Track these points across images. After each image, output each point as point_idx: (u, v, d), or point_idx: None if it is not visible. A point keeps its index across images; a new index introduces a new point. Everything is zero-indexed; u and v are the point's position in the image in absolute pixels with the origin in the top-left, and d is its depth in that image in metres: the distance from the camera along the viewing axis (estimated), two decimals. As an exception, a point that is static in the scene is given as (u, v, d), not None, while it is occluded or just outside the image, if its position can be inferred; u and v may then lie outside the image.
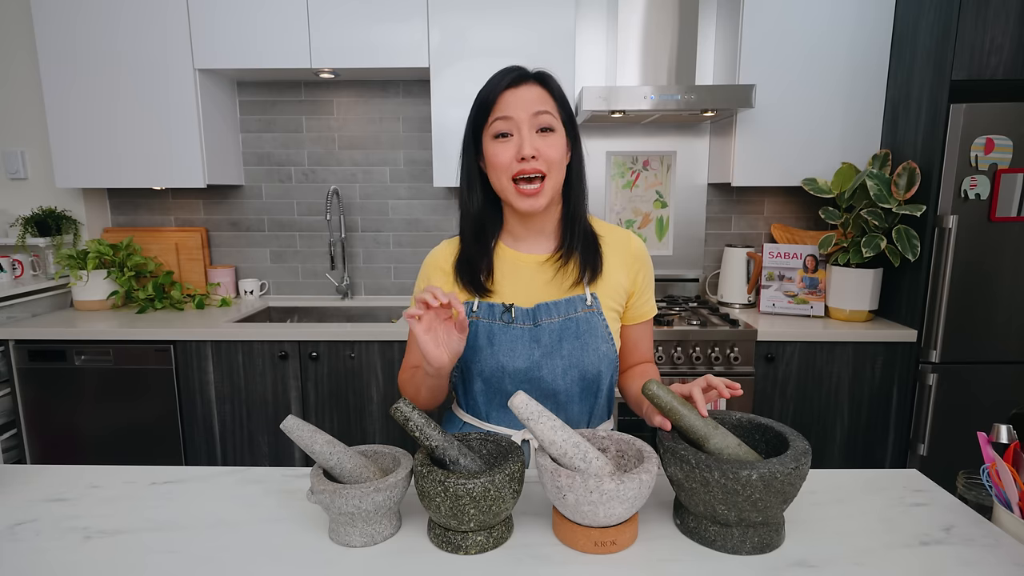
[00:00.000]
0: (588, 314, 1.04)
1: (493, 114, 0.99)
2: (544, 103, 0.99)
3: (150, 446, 2.20)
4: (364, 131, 2.61)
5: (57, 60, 2.24)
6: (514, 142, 0.98)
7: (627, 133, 2.55)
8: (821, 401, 2.13)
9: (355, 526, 0.81)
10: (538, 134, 0.98)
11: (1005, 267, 1.97)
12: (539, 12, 2.19)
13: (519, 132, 0.98)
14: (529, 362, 1.02)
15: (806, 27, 2.19)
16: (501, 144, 0.99)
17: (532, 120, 0.98)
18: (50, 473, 1.04)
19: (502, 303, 1.05)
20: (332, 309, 2.61)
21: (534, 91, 0.99)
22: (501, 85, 0.99)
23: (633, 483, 0.76)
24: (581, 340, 1.03)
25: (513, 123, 0.98)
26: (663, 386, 0.86)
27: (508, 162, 0.98)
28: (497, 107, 0.99)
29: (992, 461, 0.86)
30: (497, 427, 1.08)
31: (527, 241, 1.08)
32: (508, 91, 0.98)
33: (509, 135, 0.98)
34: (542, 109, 0.98)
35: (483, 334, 1.04)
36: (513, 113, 0.97)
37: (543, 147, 0.98)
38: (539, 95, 0.99)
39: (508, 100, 0.98)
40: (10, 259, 2.42)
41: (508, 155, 0.98)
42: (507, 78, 0.99)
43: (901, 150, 2.14)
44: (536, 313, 1.04)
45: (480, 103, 1.01)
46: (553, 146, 0.99)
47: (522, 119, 0.97)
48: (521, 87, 0.99)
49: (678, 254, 2.62)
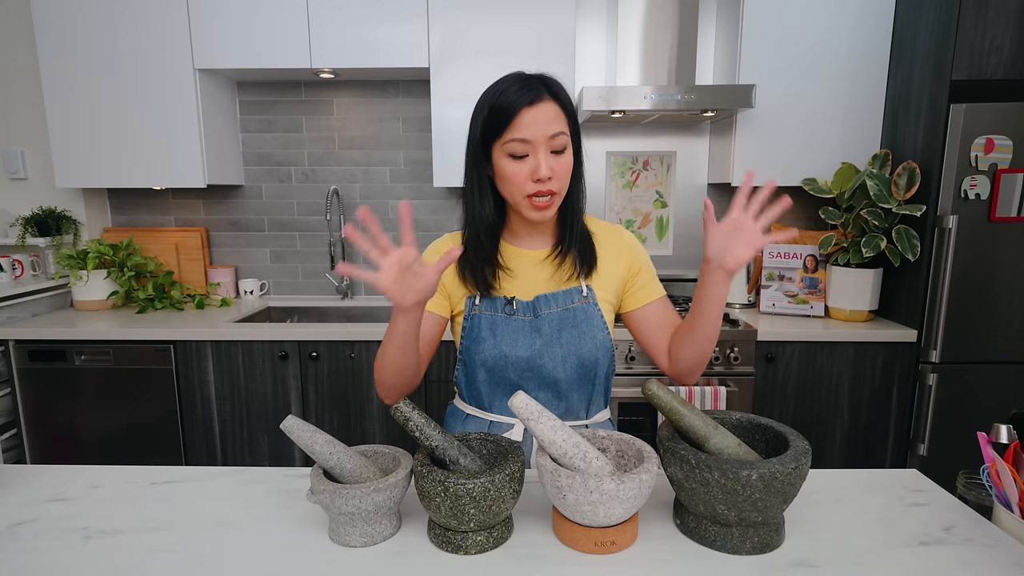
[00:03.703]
0: (584, 304, 1.08)
1: (510, 132, 0.97)
2: (559, 123, 0.98)
3: (150, 446, 2.20)
4: (364, 131, 2.61)
5: (57, 60, 2.24)
6: (530, 163, 0.98)
7: (627, 133, 2.55)
8: (821, 401, 2.13)
9: (355, 526, 0.81)
10: (552, 154, 0.99)
11: (1005, 267, 1.97)
12: (539, 12, 2.19)
13: (536, 154, 0.98)
14: (531, 351, 1.06)
15: (806, 27, 2.19)
16: (516, 163, 0.99)
17: (548, 142, 0.98)
18: (50, 473, 1.04)
19: (503, 296, 1.08)
20: (332, 309, 2.61)
21: (550, 110, 0.98)
22: (520, 102, 0.96)
23: (633, 483, 0.76)
24: (579, 329, 1.07)
25: (531, 145, 0.98)
26: (663, 386, 0.86)
27: (523, 181, 0.99)
28: (514, 126, 0.97)
29: (992, 461, 0.86)
30: (500, 416, 1.10)
31: (526, 238, 1.12)
32: (526, 110, 0.96)
33: (525, 156, 0.99)
34: (558, 131, 0.98)
35: (486, 325, 1.07)
36: (531, 136, 0.97)
37: (557, 167, 0.99)
38: (554, 114, 0.98)
39: (526, 121, 0.96)
40: (10, 259, 2.42)
41: (523, 174, 0.99)
42: (526, 97, 0.96)
43: (901, 150, 2.14)
44: (536, 305, 1.08)
45: (495, 116, 0.98)
46: (565, 164, 1.01)
47: (540, 142, 0.97)
48: (538, 105, 0.97)
49: (678, 254, 2.62)
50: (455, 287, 1.10)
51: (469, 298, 1.09)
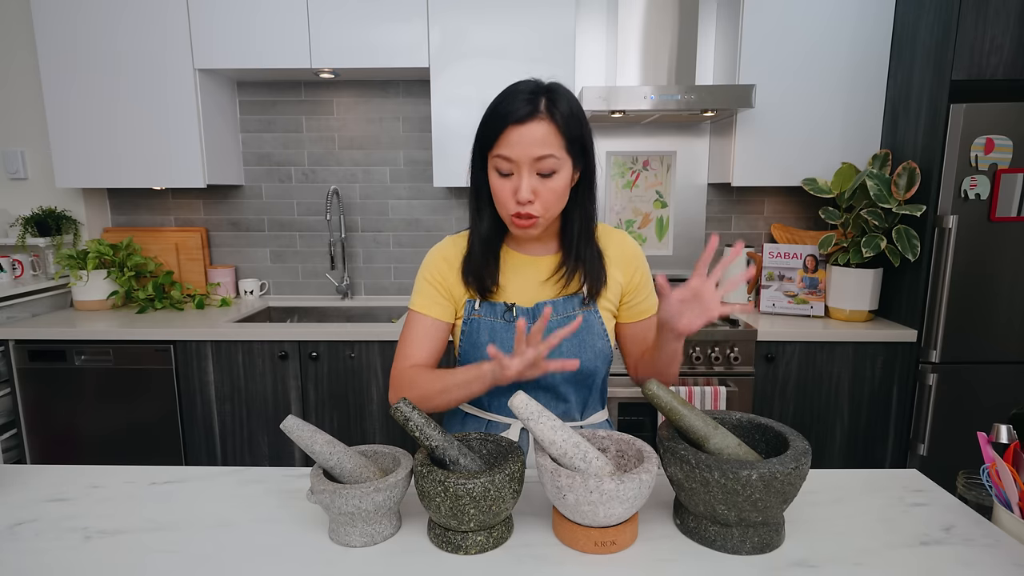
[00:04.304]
0: (585, 313, 1.07)
1: (496, 148, 0.97)
2: (549, 145, 0.95)
3: (150, 446, 2.20)
4: (364, 131, 2.61)
5: (57, 60, 2.24)
6: (513, 182, 0.98)
7: (627, 133, 2.55)
8: (821, 401, 2.13)
9: (355, 526, 0.81)
10: (538, 176, 0.97)
11: (1005, 267, 1.97)
12: (539, 12, 2.19)
13: (519, 173, 0.97)
14: None
15: (806, 27, 2.19)
16: (502, 180, 0.99)
17: (533, 164, 0.96)
18: (50, 473, 1.04)
19: (503, 302, 1.08)
20: (332, 309, 2.61)
21: (541, 130, 0.94)
22: (509, 119, 0.95)
23: (633, 483, 0.76)
24: (579, 338, 1.06)
25: (514, 164, 0.97)
26: (663, 386, 0.86)
27: (507, 199, 0.99)
28: (500, 143, 0.96)
29: (992, 461, 0.86)
30: (497, 416, 1.10)
31: (528, 244, 1.11)
32: (513, 128, 0.95)
33: (510, 174, 0.98)
34: (545, 153, 0.95)
35: (485, 331, 1.07)
36: (514, 155, 0.96)
37: (542, 190, 0.97)
38: (545, 135, 0.95)
39: (512, 139, 0.95)
40: (10, 259, 2.42)
41: (507, 192, 0.99)
42: (518, 112, 0.94)
43: (901, 150, 2.14)
44: (536, 312, 1.07)
45: (488, 125, 0.99)
46: (552, 189, 0.98)
47: (523, 162, 0.96)
48: (529, 124, 0.94)
49: (678, 254, 2.62)
50: (459, 291, 1.10)
51: (469, 302, 1.09)
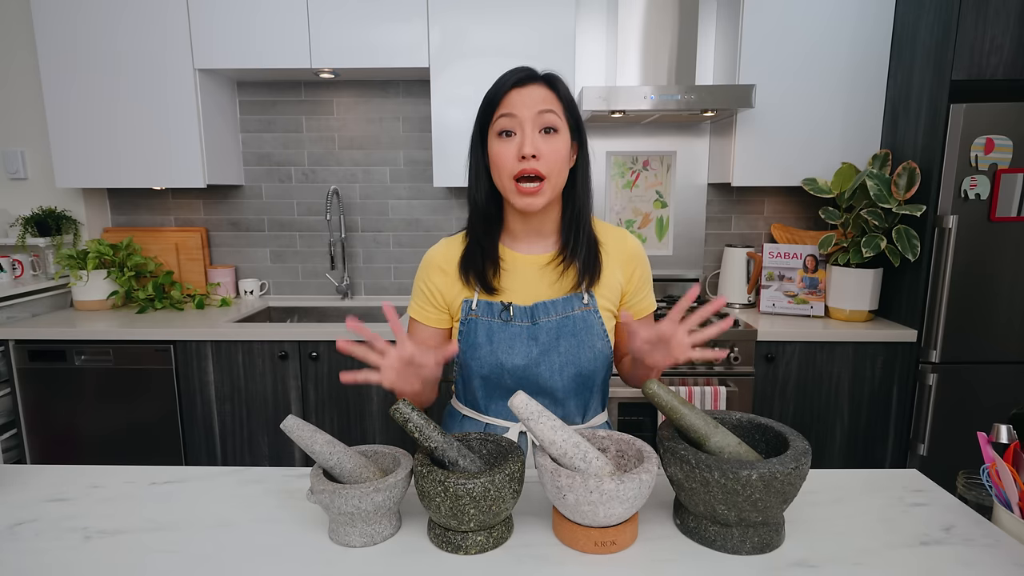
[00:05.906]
0: (585, 312, 1.05)
1: (498, 111, 1.00)
2: (549, 103, 0.99)
3: (150, 446, 2.20)
4: (364, 131, 2.61)
5: (57, 60, 2.24)
6: (516, 141, 0.98)
7: (627, 133, 2.55)
8: (821, 401, 2.13)
9: (355, 526, 0.81)
10: (541, 134, 0.98)
11: (1005, 267, 1.97)
12: (539, 12, 2.19)
13: (522, 130, 0.98)
14: (527, 359, 1.04)
15: (806, 27, 2.19)
16: (504, 143, 0.99)
17: (536, 119, 0.98)
18: (50, 473, 1.04)
19: (500, 301, 1.06)
20: (332, 309, 2.61)
21: (540, 91, 1.00)
22: (508, 84, 1.00)
23: (633, 483, 0.76)
24: (578, 338, 1.05)
25: (517, 121, 0.98)
26: (663, 385, 0.86)
27: (510, 160, 0.98)
28: (502, 104, 0.99)
29: (992, 461, 0.86)
30: (495, 419, 1.09)
31: (526, 241, 1.09)
32: (514, 90, 0.99)
33: (512, 133, 0.99)
34: (546, 108, 0.98)
35: (482, 331, 1.05)
36: (517, 111, 0.98)
37: (545, 148, 0.98)
38: (545, 95, 0.99)
39: (513, 98, 0.99)
40: (10, 259, 2.42)
41: (510, 153, 0.98)
42: (514, 77, 1.00)
43: (901, 150, 2.14)
44: (534, 311, 1.05)
45: (487, 100, 1.02)
46: (555, 148, 0.99)
47: (526, 117, 0.98)
48: (528, 87, 0.99)
49: (678, 254, 2.62)
50: (452, 294, 1.08)
51: (466, 302, 1.07)
